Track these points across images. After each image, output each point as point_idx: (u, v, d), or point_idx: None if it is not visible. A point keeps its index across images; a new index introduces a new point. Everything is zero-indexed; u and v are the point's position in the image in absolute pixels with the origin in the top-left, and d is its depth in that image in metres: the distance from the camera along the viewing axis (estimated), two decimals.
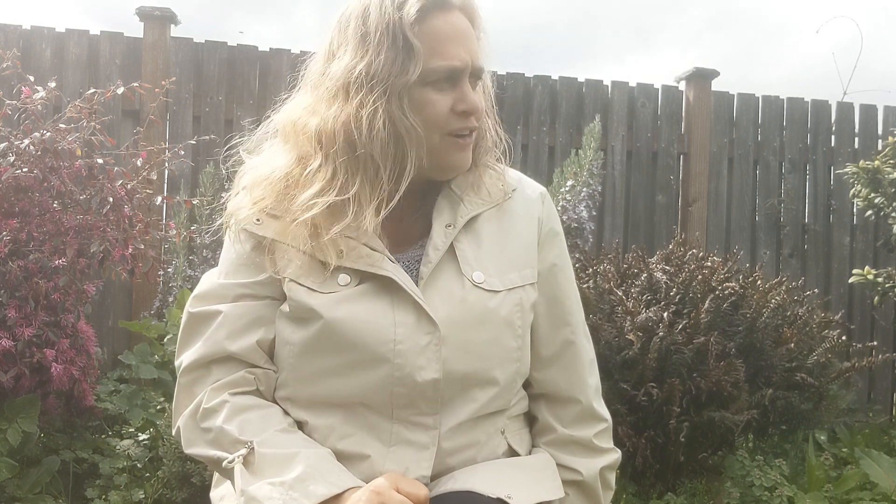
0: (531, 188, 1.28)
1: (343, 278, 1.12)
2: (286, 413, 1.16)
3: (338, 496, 1.03)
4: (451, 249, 1.16)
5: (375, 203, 1.11)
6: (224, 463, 1.09)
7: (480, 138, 1.20)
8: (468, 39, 1.13)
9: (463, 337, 1.12)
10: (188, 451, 1.15)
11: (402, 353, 1.09)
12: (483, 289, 1.15)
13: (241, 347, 1.15)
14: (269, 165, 1.18)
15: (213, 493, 1.27)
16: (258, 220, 1.16)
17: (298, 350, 1.13)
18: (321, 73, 1.15)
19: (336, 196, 1.10)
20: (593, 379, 1.29)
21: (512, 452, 1.21)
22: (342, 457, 1.11)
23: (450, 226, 1.17)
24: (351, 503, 1.01)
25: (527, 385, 1.28)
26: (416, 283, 1.14)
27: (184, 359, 1.18)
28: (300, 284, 1.12)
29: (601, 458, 1.26)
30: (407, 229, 1.20)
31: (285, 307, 1.15)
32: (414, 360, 1.09)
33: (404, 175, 1.12)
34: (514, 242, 1.21)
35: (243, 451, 1.08)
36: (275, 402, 1.18)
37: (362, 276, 1.13)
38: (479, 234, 1.20)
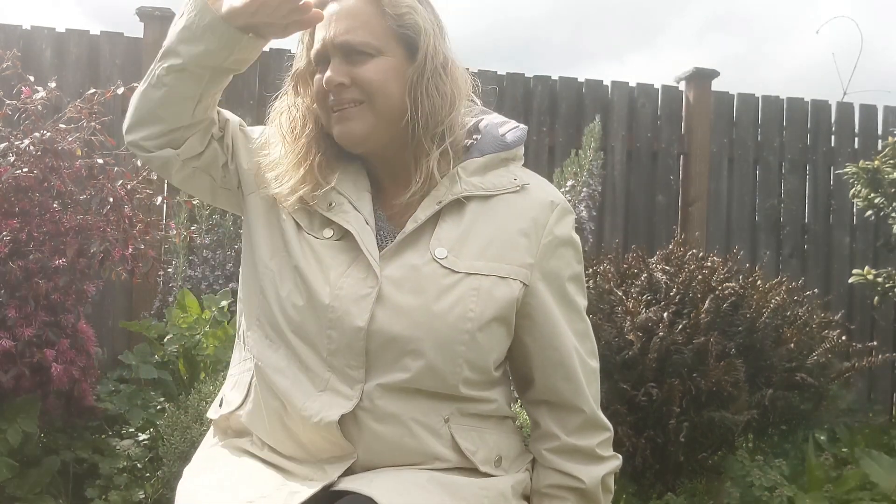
0: (544, 193, 1.27)
1: (328, 231, 1.23)
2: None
3: None
4: (433, 224, 1.21)
5: (290, 158, 1.23)
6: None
7: (418, 120, 1.21)
8: (338, 19, 1.21)
9: (401, 300, 1.16)
10: (141, 91, 1.25)
11: (341, 298, 1.16)
12: (440, 264, 1.18)
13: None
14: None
15: (187, 469, 1.32)
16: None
17: (273, 276, 1.22)
18: None
19: (291, 171, 1.24)
20: (595, 388, 1.28)
21: (456, 447, 1.18)
22: (274, 389, 1.19)
23: (440, 202, 1.21)
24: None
25: (527, 389, 1.28)
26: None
27: None
28: (295, 220, 1.23)
29: (603, 466, 1.27)
30: (405, 205, 1.24)
31: (269, 231, 1.25)
32: (348, 307, 1.16)
33: (309, 133, 1.25)
34: (496, 234, 1.21)
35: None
36: None
37: (344, 233, 1.22)
38: (464, 216, 1.22)
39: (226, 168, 1.29)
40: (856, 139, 4.59)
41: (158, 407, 2.94)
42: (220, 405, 1.31)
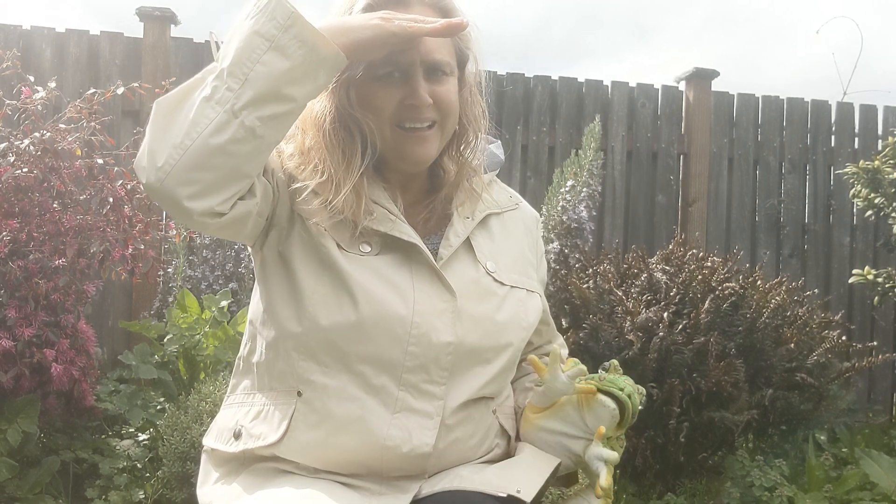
0: (529, 208, 1.40)
1: (364, 247, 1.17)
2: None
3: None
4: (467, 239, 1.24)
5: (346, 187, 1.15)
6: (207, 72, 1.05)
7: (467, 145, 1.26)
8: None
9: (475, 312, 1.18)
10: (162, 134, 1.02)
11: (421, 313, 1.14)
12: (494, 278, 1.23)
13: None
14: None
15: (200, 492, 1.27)
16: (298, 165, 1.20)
17: (321, 299, 1.13)
18: None
19: (318, 179, 1.16)
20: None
21: (503, 433, 1.27)
22: (344, 417, 1.12)
23: (468, 218, 1.25)
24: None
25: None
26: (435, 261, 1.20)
27: None
28: (331, 237, 1.16)
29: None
30: (420, 218, 1.26)
31: (307, 255, 1.15)
32: (431, 321, 1.14)
33: (365, 163, 1.18)
34: (516, 248, 1.30)
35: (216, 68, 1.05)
36: None
37: (383, 246, 1.18)
38: (492, 232, 1.28)
39: (272, 199, 1.17)
40: (856, 139, 4.58)
41: (158, 407, 2.93)
42: (236, 437, 1.20)
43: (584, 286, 2.94)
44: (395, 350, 1.12)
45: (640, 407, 1.22)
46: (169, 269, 3.41)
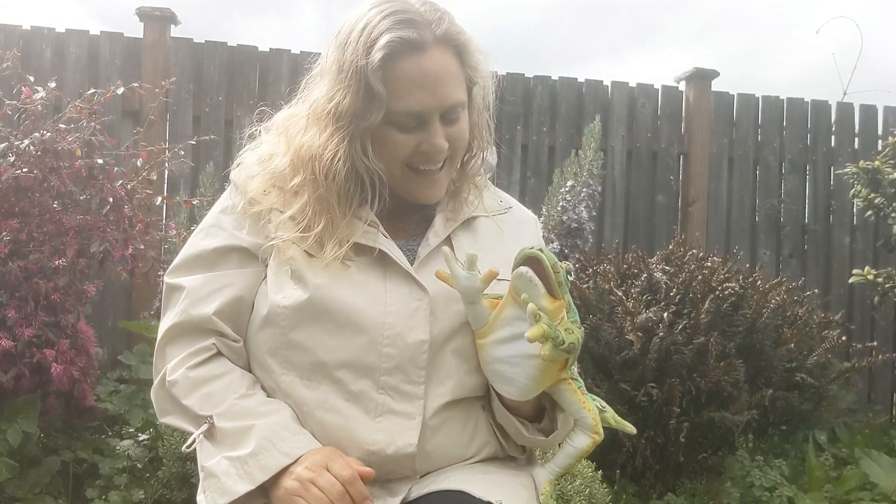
0: (525, 211, 1.40)
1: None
2: (249, 372, 1.22)
3: (291, 463, 1.10)
4: (449, 240, 1.24)
5: (335, 241, 1.17)
6: (184, 448, 1.16)
7: (470, 158, 1.27)
8: (440, 81, 1.15)
9: (451, 308, 1.18)
10: (161, 419, 1.21)
11: (393, 314, 1.15)
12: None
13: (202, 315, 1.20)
14: (271, 154, 1.25)
15: (200, 498, 1.27)
16: (265, 191, 1.23)
17: (291, 313, 1.16)
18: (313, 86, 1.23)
19: (301, 233, 1.18)
20: None
21: (494, 430, 1.24)
22: (327, 429, 1.14)
23: (450, 220, 1.26)
24: (284, 492, 1.08)
25: None
26: (413, 262, 1.20)
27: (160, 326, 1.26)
28: (300, 247, 1.18)
29: None
30: (405, 221, 1.28)
31: (276, 271, 1.19)
32: (404, 322, 1.15)
33: (370, 203, 1.20)
34: (506, 248, 1.27)
35: (204, 426, 1.14)
36: (249, 367, 1.23)
37: (357, 249, 1.19)
38: (477, 232, 1.28)
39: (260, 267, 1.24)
40: (856, 139, 4.59)
41: None
42: None
43: (584, 286, 2.94)
44: (371, 353, 1.14)
45: (567, 270, 1.08)
46: None
